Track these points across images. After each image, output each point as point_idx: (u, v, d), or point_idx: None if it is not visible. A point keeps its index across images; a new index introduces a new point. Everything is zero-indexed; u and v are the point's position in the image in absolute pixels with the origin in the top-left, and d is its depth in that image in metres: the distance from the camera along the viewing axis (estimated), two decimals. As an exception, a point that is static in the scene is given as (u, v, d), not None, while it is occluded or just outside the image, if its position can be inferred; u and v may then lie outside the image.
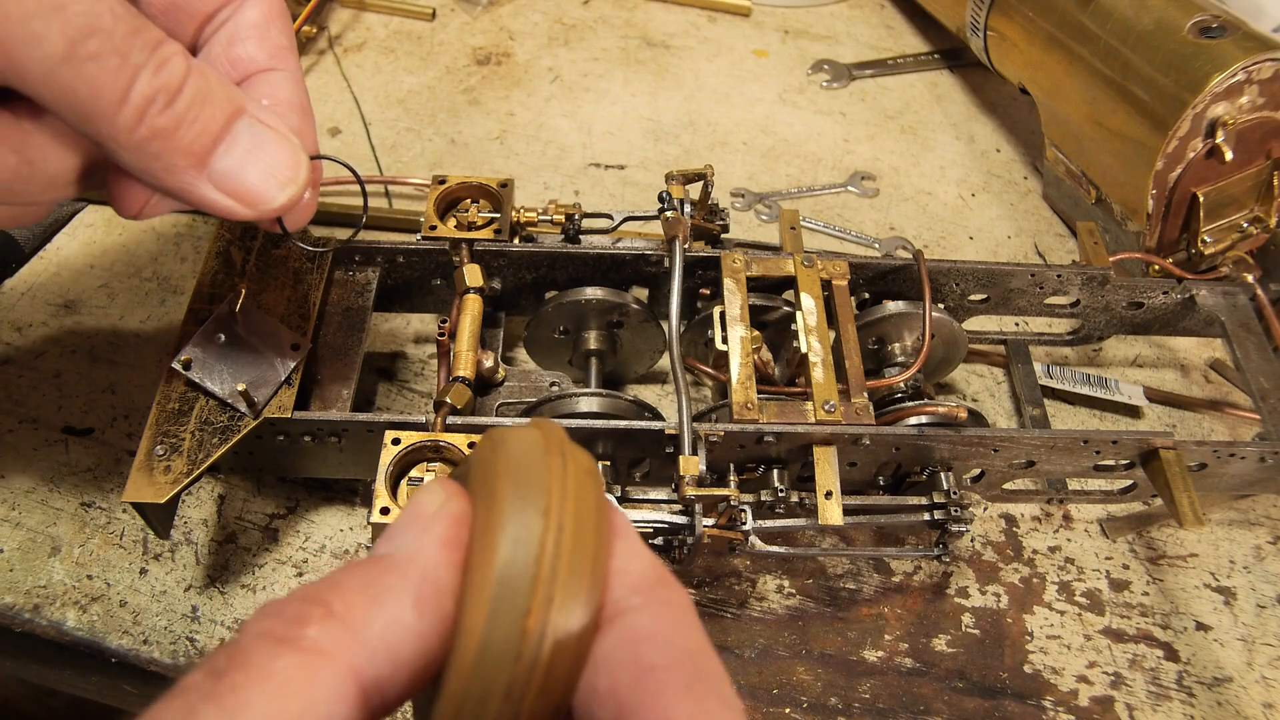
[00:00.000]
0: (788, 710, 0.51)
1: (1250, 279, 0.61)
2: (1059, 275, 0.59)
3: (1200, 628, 0.56)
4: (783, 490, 0.50)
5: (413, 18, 0.88)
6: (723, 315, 0.53)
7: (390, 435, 0.47)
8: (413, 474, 0.48)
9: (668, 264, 0.54)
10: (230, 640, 0.28)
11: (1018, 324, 0.68)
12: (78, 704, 0.88)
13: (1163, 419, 0.65)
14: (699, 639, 0.24)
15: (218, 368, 0.49)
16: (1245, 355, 0.58)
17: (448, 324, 0.53)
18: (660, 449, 0.50)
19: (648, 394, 0.64)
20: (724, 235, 0.61)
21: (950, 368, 0.61)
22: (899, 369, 0.58)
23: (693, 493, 0.47)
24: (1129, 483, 0.57)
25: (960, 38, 0.83)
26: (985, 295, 0.60)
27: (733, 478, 0.50)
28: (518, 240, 0.58)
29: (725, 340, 0.52)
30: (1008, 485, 0.57)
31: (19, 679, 0.82)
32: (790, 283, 0.56)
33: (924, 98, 0.86)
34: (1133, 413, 0.65)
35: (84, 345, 0.62)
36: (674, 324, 0.52)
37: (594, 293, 0.56)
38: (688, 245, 0.55)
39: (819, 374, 0.51)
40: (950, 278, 0.58)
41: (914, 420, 0.52)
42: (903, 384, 0.55)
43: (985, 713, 0.52)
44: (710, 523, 0.48)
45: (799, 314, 0.54)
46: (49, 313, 0.63)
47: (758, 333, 0.53)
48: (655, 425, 0.50)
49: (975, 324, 0.66)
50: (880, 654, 0.53)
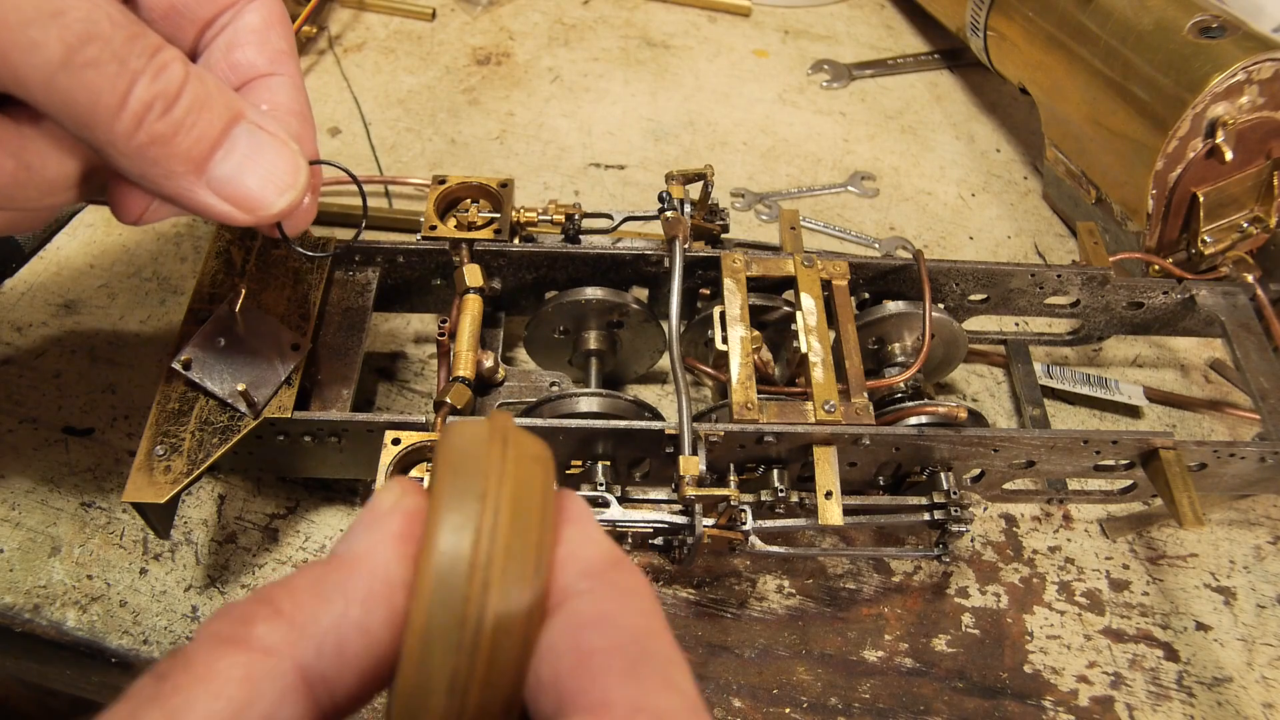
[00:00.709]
0: (788, 710, 0.51)
1: (1250, 279, 0.61)
2: (1059, 275, 0.59)
3: (1200, 628, 0.56)
4: (783, 490, 0.50)
5: (413, 18, 0.88)
6: (723, 315, 0.53)
7: (390, 435, 0.47)
8: (413, 474, 0.48)
9: (668, 264, 0.54)
10: (181, 644, 0.28)
11: (1018, 324, 0.68)
12: (77, 704, 0.88)
13: (1163, 419, 0.65)
14: (649, 622, 0.23)
15: (218, 368, 0.49)
16: (1245, 355, 0.58)
17: (448, 324, 0.53)
18: (660, 449, 0.50)
19: (648, 394, 0.64)
20: (724, 235, 0.61)
21: (950, 368, 0.61)
22: (899, 369, 0.58)
23: (693, 493, 0.47)
24: (1129, 483, 0.57)
25: (960, 38, 0.83)
26: (985, 295, 0.60)
27: (733, 478, 0.50)
28: (518, 240, 0.58)
29: (725, 340, 0.52)
30: (1008, 485, 0.57)
31: (19, 679, 0.81)
32: (790, 283, 0.56)
33: (924, 98, 0.86)
34: (1133, 413, 0.65)
35: (84, 345, 0.62)
36: (674, 324, 0.52)
37: (594, 293, 0.56)
38: (688, 245, 0.55)
39: (819, 374, 0.51)
40: (950, 278, 0.58)
41: (914, 420, 0.52)
42: (903, 384, 0.55)
43: (985, 713, 0.52)
44: (710, 523, 0.48)
45: (799, 314, 0.54)
46: (49, 313, 0.63)
47: (758, 333, 0.53)
48: (655, 425, 0.50)
49: (975, 324, 0.66)
50: (880, 654, 0.53)
